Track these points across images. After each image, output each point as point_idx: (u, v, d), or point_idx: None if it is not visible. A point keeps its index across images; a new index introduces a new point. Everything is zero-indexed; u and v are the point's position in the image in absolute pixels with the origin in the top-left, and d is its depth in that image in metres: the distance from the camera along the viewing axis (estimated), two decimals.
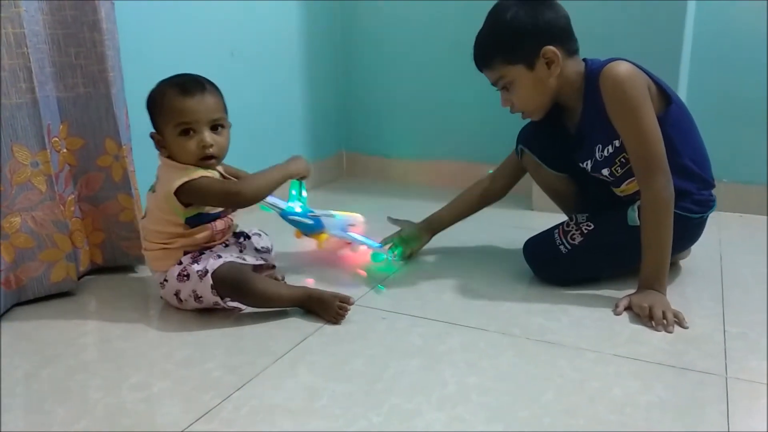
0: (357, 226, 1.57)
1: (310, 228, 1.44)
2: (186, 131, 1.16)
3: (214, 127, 1.19)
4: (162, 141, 1.19)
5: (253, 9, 1.93)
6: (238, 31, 1.89)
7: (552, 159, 1.43)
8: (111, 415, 0.88)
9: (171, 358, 1.05)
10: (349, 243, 1.52)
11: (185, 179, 1.15)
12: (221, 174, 1.27)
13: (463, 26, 2.19)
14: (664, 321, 1.13)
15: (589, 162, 1.31)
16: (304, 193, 1.45)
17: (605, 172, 1.29)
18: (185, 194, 1.16)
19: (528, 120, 1.44)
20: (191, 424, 0.86)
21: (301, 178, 1.35)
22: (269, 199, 1.36)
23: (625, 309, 1.20)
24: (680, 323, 1.14)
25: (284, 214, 1.41)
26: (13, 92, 1.17)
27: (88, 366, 1.03)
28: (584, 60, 1.28)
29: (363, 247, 1.46)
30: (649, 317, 1.14)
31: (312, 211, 1.44)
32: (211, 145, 1.17)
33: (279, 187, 1.25)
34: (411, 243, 1.52)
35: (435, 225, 1.55)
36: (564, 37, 1.25)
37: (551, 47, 1.22)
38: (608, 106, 1.20)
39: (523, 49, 1.23)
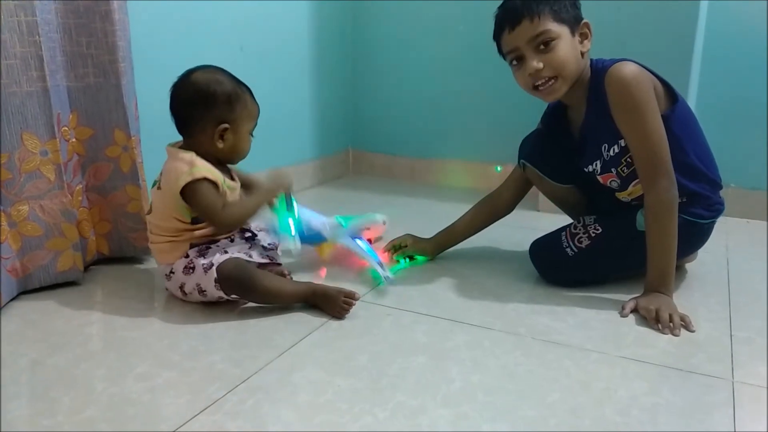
0: (373, 230, 1.55)
1: (308, 240, 1.39)
2: (251, 134, 1.26)
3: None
4: (224, 134, 1.21)
5: (263, 4, 1.94)
6: (249, 26, 1.89)
7: (555, 171, 1.42)
8: (116, 405, 0.88)
9: (176, 349, 1.05)
10: (355, 254, 1.44)
11: (189, 179, 1.15)
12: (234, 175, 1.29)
13: (472, 25, 2.21)
14: (671, 324, 1.12)
15: (597, 163, 1.30)
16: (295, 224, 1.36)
17: (612, 171, 1.29)
18: (187, 194, 1.17)
19: (529, 131, 1.44)
20: (196, 415, 0.86)
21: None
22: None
23: (632, 311, 1.19)
24: (687, 327, 1.13)
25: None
26: (24, 80, 1.18)
27: (94, 355, 1.03)
28: (591, 60, 1.27)
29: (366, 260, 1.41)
30: (655, 320, 1.14)
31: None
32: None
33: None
34: (415, 257, 1.50)
35: (442, 244, 1.52)
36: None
37: (588, 22, 1.23)
38: (613, 107, 1.19)
39: (573, 11, 1.21)
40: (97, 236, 1.41)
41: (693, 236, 1.29)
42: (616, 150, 1.25)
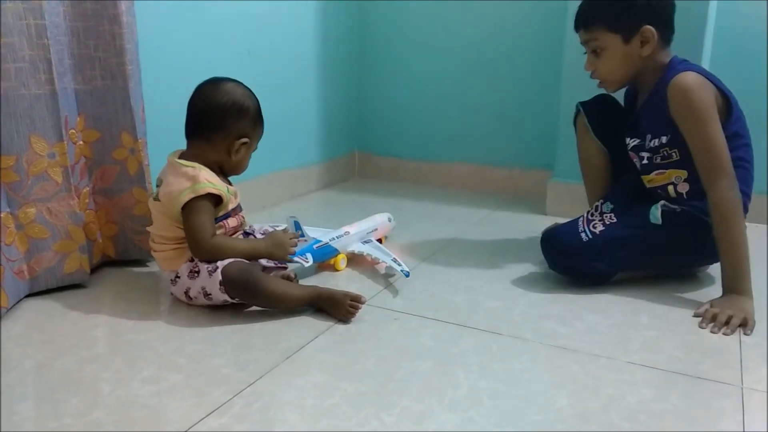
0: (380, 229, 1.56)
1: (319, 258, 1.40)
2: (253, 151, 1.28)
3: None
4: (240, 148, 1.22)
5: (270, 8, 1.94)
6: (255, 29, 1.89)
7: (601, 126, 1.46)
8: (123, 407, 0.88)
9: (182, 352, 1.05)
10: (368, 257, 1.45)
11: (191, 196, 1.15)
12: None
13: (478, 28, 2.21)
14: (726, 325, 1.14)
15: (636, 141, 1.35)
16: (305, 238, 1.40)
17: (644, 154, 1.33)
18: (185, 211, 1.17)
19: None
20: (203, 419, 0.86)
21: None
22: None
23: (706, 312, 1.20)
24: (744, 329, 1.14)
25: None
26: (32, 83, 1.18)
27: (100, 358, 1.03)
28: (673, 57, 1.31)
29: (380, 262, 1.41)
30: (711, 319, 1.15)
31: (318, 241, 1.40)
32: None
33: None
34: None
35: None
36: (666, 24, 1.29)
37: (651, 27, 1.26)
38: (675, 114, 1.24)
39: (627, 20, 1.27)
40: (104, 238, 1.41)
41: (706, 239, 1.27)
42: (656, 143, 1.30)
